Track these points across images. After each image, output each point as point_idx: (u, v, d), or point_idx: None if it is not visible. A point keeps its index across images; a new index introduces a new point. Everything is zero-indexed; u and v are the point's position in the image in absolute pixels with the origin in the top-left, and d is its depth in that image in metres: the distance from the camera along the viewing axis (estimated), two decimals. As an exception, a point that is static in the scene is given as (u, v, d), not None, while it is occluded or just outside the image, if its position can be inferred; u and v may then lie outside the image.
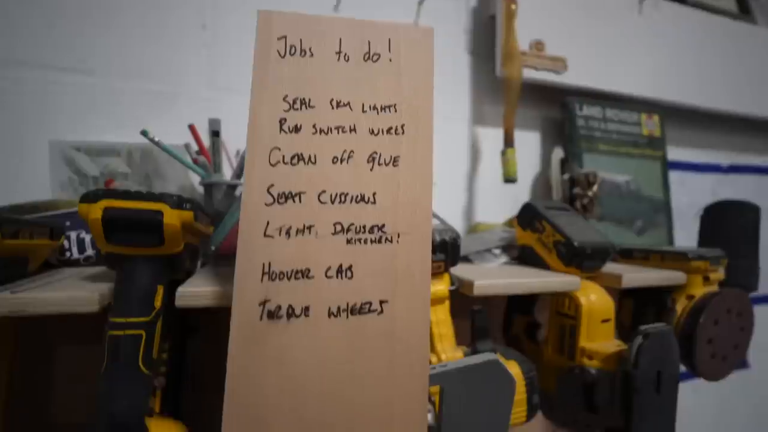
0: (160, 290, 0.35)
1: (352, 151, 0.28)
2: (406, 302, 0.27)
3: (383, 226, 0.27)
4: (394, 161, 0.28)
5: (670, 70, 0.88)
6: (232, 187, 0.53)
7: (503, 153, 0.70)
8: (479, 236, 0.64)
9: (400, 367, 0.26)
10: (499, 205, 0.79)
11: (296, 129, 0.28)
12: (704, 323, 0.51)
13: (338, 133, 0.28)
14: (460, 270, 0.50)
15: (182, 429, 0.35)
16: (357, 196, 0.27)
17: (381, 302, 0.26)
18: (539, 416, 0.55)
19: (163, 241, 0.32)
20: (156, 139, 0.48)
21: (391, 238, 0.27)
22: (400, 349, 0.26)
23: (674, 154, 0.95)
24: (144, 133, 0.48)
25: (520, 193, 0.81)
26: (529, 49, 0.75)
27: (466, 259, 0.62)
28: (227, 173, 0.56)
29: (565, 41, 0.78)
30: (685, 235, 0.89)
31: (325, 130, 0.28)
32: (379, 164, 0.28)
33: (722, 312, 0.52)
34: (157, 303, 0.34)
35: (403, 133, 0.28)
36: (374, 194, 0.27)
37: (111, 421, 0.30)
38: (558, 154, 0.78)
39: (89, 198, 0.31)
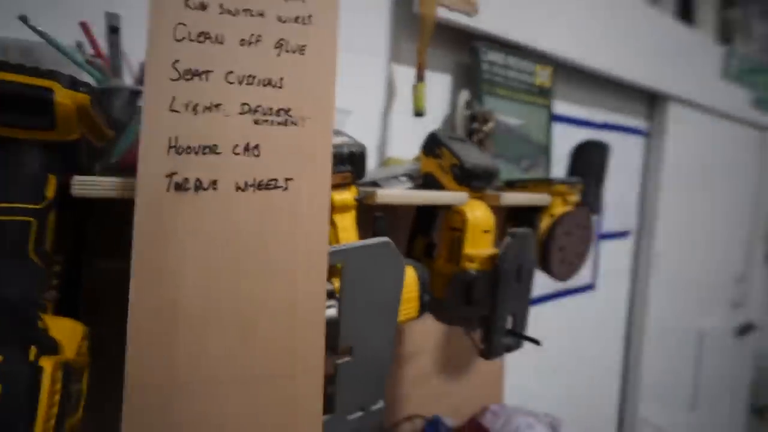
0: (53, 180, 0.33)
1: (260, 35, 0.29)
2: (309, 181, 0.30)
3: (289, 110, 0.29)
4: (301, 50, 0.30)
5: (567, 27, 0.99)
6: (135, 94, 0.49)
7: (414, 87, 0.74)
8: (389, 168, 0.69)
9: (303, 238, 0.30)
10: (412, 143, 0.83)
11: (202, 6, 0.28)
12: (558, 234, 0.63)
13: (246, 15, 0.29)
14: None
15: (81, 327, 0.33)
16: (264, 80, 0.29)
17: (286, 179, 0.29)
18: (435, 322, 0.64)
19: (54, 124, 0.30)
20: (39, 28, 0.43)
21: (297, 121, 0.29)
22: (303, 223, 0.30)
23: (562, 108, 1.08)
24: (23, 19, 0.42)
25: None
26: (444, -12, 0.78)
27: (375, 185, 0.67)
28: (128, 81, 0.52)
29: (476, -15, 0.82)
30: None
31: (233, 11, 0.28)
32: (286, 51, 0.29)
33: (572, 226, 0.65)
34: (49, 193, 0.32)
35: (310, 23, 0.30)
36: (281, 79, 0.29)
37: (1, 306, 0.28)
38: (464, 95, 0.84)
39: (-38, 68, 0.28)
